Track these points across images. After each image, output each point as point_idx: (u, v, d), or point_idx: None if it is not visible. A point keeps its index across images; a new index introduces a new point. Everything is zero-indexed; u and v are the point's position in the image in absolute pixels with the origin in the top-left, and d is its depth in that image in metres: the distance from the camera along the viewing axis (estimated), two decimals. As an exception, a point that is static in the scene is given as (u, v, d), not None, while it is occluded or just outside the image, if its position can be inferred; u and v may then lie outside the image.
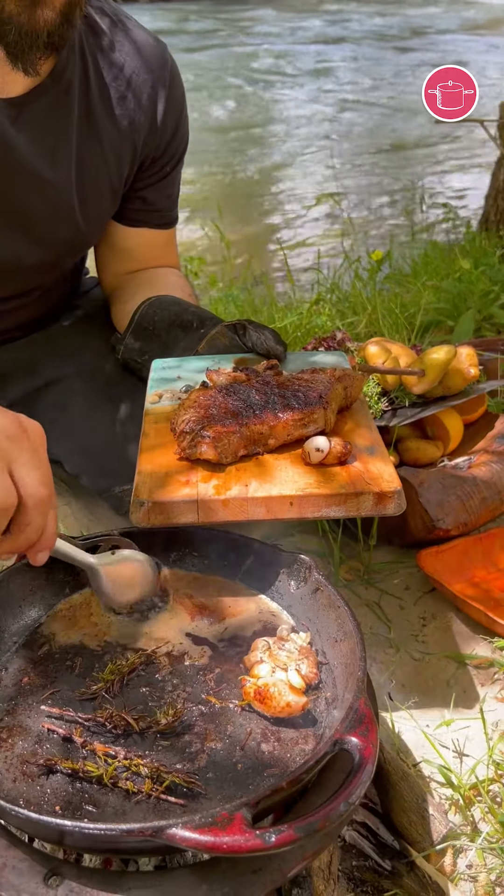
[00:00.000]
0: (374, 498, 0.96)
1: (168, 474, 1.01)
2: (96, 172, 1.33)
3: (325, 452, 1.00)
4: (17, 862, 0.69)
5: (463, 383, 1.48)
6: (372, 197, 4.54)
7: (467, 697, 1.11)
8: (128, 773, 0.75)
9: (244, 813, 0.65)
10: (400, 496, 0.97)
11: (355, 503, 0.97)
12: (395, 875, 0.88)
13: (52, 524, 0.85)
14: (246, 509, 0.97)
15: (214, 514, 0.97)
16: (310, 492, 0.97)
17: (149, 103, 1.34)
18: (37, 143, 1.23)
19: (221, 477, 1.00)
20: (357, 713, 0.74)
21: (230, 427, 1.02)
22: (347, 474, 0.99)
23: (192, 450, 1.02)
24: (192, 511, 0.97)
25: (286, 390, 1.08)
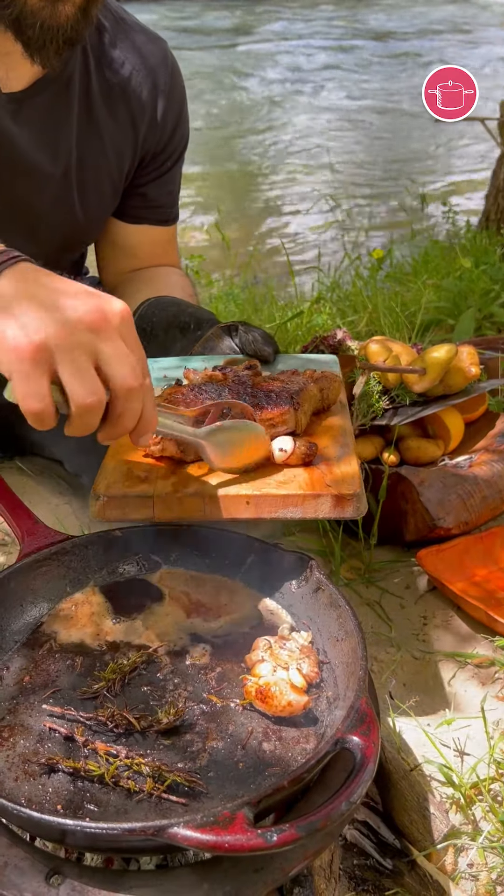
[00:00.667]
0: (332, 500, 0.95)
1: (130, 470, 1.01)
2: (96, 168, 1.34)
3: (289, 453, 1.00)
4: (18, 861, 0.69)
5: (464, 382, 1.48)
6: (372, 195, 4.54)
7: (468, 696, 1.11)
8: (129, 773, 0.75)
9: (246, 812, 0.65)
10: (359, 499, 0.96)
11: (313, 505, 0.95)
12: (396, 874, 0.88)
13: (150, 408, 0.82)
14: (202, 507, 0.97)
15: (170, 511, 0.97)
16: (267, 492, 0.96)
17: (149, 99, 1.35)
18: (37, 138, 1.24)
19: (182, 475, 1.00)
20: (358, 712, 0.74)
21: (196, 425, 1.01)
22: (309, 476, 0.98)
23: (156, 446, 1.02)
24: (147, 507, 0.96)
25: (259, 390, 1.08)
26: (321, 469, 1.00)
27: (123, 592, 1.00)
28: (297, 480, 0.98)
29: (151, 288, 1.45)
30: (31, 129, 1.23)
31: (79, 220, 1.36)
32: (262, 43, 8.65)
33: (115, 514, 0.97)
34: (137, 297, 1.45)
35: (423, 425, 1.53)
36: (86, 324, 0.76)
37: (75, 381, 0.75)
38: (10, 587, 0.94)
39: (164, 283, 1.47)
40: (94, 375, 0.76)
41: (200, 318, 1.33)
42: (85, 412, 0.77)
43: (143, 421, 0.82)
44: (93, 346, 0.76)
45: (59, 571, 0.99)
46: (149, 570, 1.03)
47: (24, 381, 0.74)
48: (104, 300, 0.79)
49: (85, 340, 0.75)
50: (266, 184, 4.81)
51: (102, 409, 0.78)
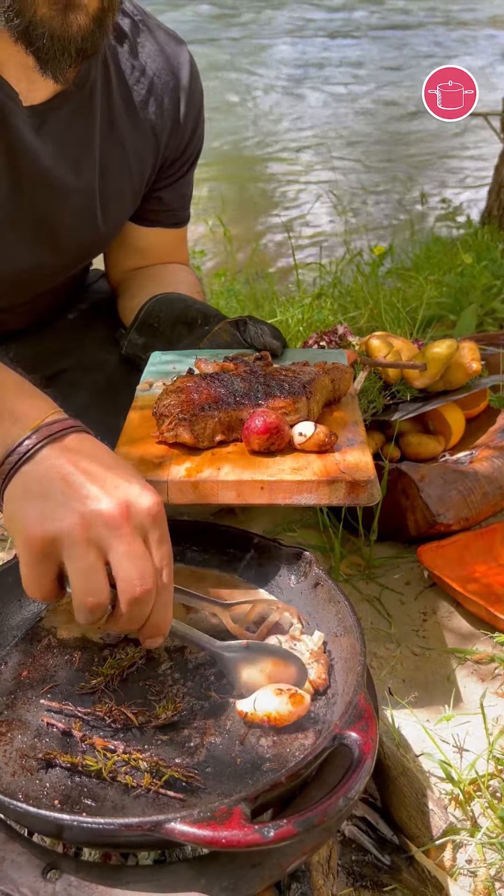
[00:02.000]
0: (346, 487, 0.95)
1: (143, 457, 1.01)
2: (119, 176, 1.32)
3: (307, 437, 1.00)
4: (15, 856, 0.69)
5: (465, 378, 1.48)
6: (374, 191, 4.53)
7: (468, 693, 1.10)
8: (127, 768, 0.75)
9: (243, 807, 0.65)
10: (373, 486, 0.96)
11: (327, 491, 0.96)
12: (395, 870, 0.88)
13: (160, 613, 0.77)
14: (216, 492, 0.96)
15: (184, 496, 0.96)
16: (281, 478, 0.96)
17: (171, 105, 1.33)
18: (61, 151, 1.21)
19: (196, 460, 1.00)
20: (357, 708, 0.74)
21: (209, 412, 1.02)
22: (323, 462, 0.99)
23: (170, 433, 1.02)
24: (161, 492, 0.95)
25: (272, 379, 1.08)
26: (335, 457, 1.00)
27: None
28: (311, 467, 0.98)
29: (159, 284, 1.45)
30: (53, 143, 1.20)
31: (100, 231, 1.35)
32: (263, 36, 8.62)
33: None
34: (144, 292, 1.45)
35: (423, 421, 1.52)
36: (104, 518, 0.72)
37: (78, 578, 0.73)
38: (9, 582, 0.93)
39: (171, 280, 1.47)
40: (99, 576, 0.73)
41: (207, 313, 1.33)
42: (86, 610, 0.75)
43: (149, 625, 0.77)
44: (106, 542, 0.73)
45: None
46: (148, 566, 1.03)
47: (29, 568, 0.75)
48: (135, 494, 0.75)
49: (98, 536, 0.72)
50: (267, 179, 4.79)
51: (104, 608, 0.75)
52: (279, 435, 1.00)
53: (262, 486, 0.96)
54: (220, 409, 1.03)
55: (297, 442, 1.01)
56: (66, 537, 0.72)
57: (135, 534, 0.74)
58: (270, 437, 1.00)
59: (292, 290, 2.78)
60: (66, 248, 1.32)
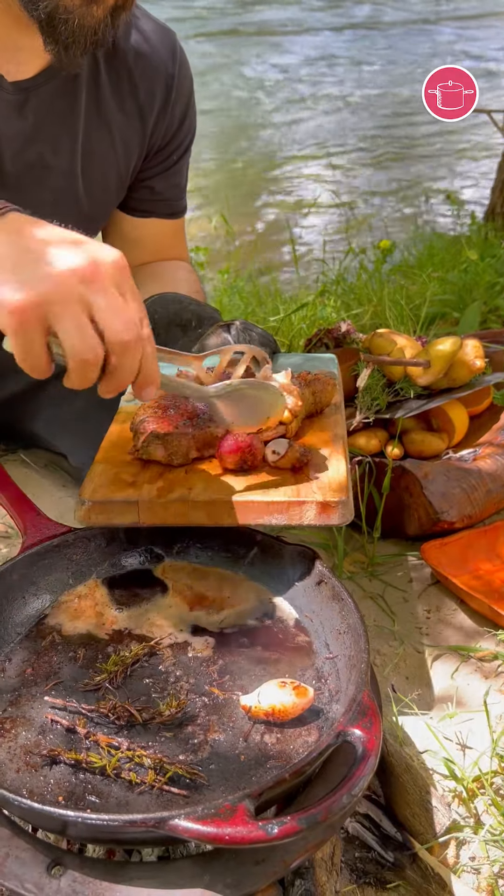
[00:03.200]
0: (317, 507, 0.93)
1: (117, 475, 0.99)
2: (104, 161, 1.33)
3: (280, 455, 0.98)
4: (20, 852, 0.69)
5: (468, 375, 1.48)
6: (377, 188, 4.52)
7: (471, 690, 1.10)
8: (131, 764, 0.75)
9: (247, 804, 0.65)
10: (345, 506, 0.93)
11: (298, 512, 0.93)
12: (398, 867, 0.88)
13: (149, 362, 0.80)
14: (186, 513, 0.95)
15: (155, 517, 0.95)
16: (252, 499, 0.94)
17: (158, 91, 1.34)
18: (42, 129, 1.23)
19: (168, 478, 0.98)
20: (360, 705, 0.74)
21: (183, 429, 1.01)
22: (295, 482, 0.97)
23: (144, 451, 1.01)
24: (132, 512, 0.95)
25: None
26: (309, 475, 0.98)
27: (126, 584, 1.00)
28: (283, 486, 0.96)
29: (157, 283, 1.44)
30: (34, 119, 1.22)
31: (84, 213, 1.35)
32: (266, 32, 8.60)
33: (101, 518, 0.95)
34: (143, 291, 1.44)
35: (427, 418, 1.52)
36: (78, 276, 0.74)
37: (70, 336, 0.74)
38: (13, 579, 0.94)
39: (170, 279, 1.47)
40: (89, 330, 0.75)
41: (202, 315, 1.32)
42: (82, 367, 0.76)
43: (142, 375, 0.80)
44: (86, 298, 0.74)
45: (62, 564, 0.99)
46: (151, 563, 1.03)
47: (19, 337, 0.74)
48: (95, 249, 0.77)
49: (78, 293, 0.74)
50: (270, 176, 4.79)
51: (100, 363, 0.76)
52: (251, 453, 0.99)
53: (233, 506, 0.94)
54: (196, 426, 1.01)
55: (271, 460, 0.99)
56: (51, 299, 0.73)
57: (110, 287, 0.76)
58: (242, 455, 0.98)
59: (296, 287, 2.78)
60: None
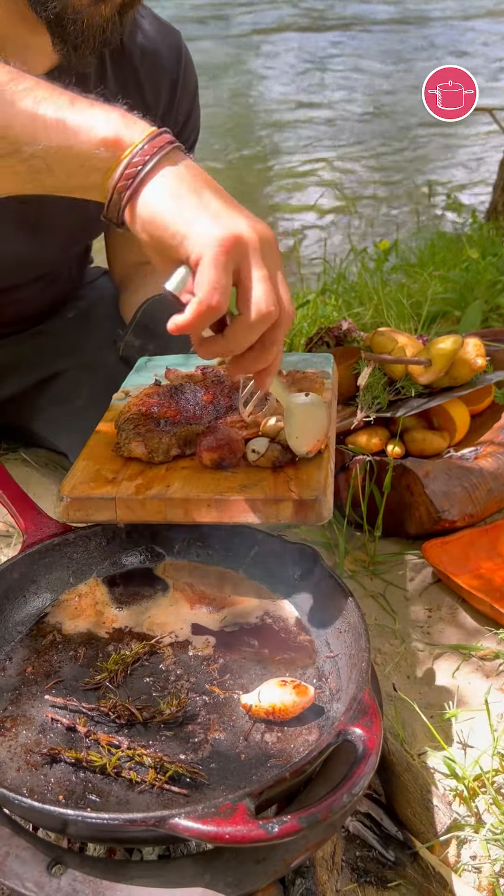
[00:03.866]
0: (293, 506, 0.92)
1: (98, 472, 0.99)
2: None
3: (260, 455, 0.98)
4: (20, 851, 0.69)
5: (469, 374, 1.47)
6: (378, 186, 4.52)
7: (472, 689, 1.10)
8: (131, 763, 0.75)
9: (247, 803, 0.65)
10: (321, 504, 0.92)
11: (275, 510, 0.92)
12: (399, 865, 0.88)
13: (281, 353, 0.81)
14: (163, 511, 0.94)
15: (133, 514, 0.94)
16: (228, 496, 0.93)
17: (164, 91, 1.34)
18: None
19: (148, 476, 0.98)
20: (361, 704, 0.74)
21: (164, 427, 1.01)
22: (274, 480, 0.96)
23: (125, 446, 1.00)
24: (109, 509, 0.94)
25: (236, 390, 1.06)
26: (287, 473, 0.97)
27: (127, 583, 1.00)
28: (262, 484, 0.95)
29: (158, 282, 1.44)
30: None
31: (91, 216, 1.35)
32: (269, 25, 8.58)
33: (79, 514, 0.95)
34: (144, 288, 1.44)
35: (428, 417, 1.52)
36: (267, 237, 0.74)
37: (262, 286, 0.73)
38: (13, 578, 0.94)
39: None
40: (276, 288, 0.74)
41: None
42: (260, 322, 0.74)
43: (276, 361, 0.81)
44: (272, 265, 0.74)
45: (62, 562, 0.99)
46: (152, 561, 1.03)
47: (216, 269, 0.72)
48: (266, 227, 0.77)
49: (265, 250, 0.74)
50: (270, 174, 4.78)
51: (270, 322, 0.75)
52: (230, 451, 0.98)
53: (209, 503, 0.93)
54: (177, 424, 1.01)
55: (251, 459, 0.98)
56: (249, 245, 0.73)
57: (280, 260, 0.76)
58: (221, 453, 0.98)
59: (297, 285, 2.78)
60: (56, 233, 1.32)
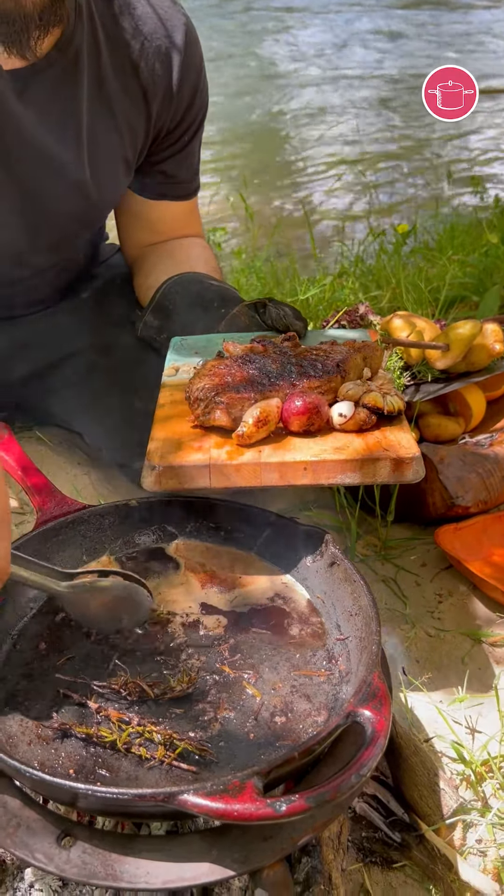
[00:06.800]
0: (391, 464, 0.95)
1: (181, 441, 1.01)
2: (109, 145, 1.29)
3: (347, 417, 1.00)
4: (30, 822, 0.70)
5: (487, 359, 1.46)
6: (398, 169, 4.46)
7: (482, 675, 1.10)
8: (141, 740, 0.76)
9: (255, 781, 0.65)
10: (418, 463, 0.95)
11: (372, 469, 0.95)
12: (405, 847, 0.89)
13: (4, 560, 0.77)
14: (259, 475, 0.96)
15: (227, 479, 0.96)
16: (325, 457, 0.95)
17: (163, 71, 1.28)
18: (44, 117, 1.19)
19: (234, 443, 0.99)
20: (370, 687, 0.74)
21: (244, 394, 1.01)
22: (364, 441, 0.98)
23: (206, 416, 1.01)
24: (203, 476, 0.96)
25: (303, 359, 1.07)
26: (375, 435, 0.99)
27: (139, 562, 1.01)
28: (353, 446, 0.97)
29: (173, 261, 1.43)
30: (36, 109, 1.17)
31: (93, 200, 1.32)
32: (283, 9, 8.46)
33: (172, 483, 0.96)
34: (158, 269, 1.43)
35: (444, 402, 1.51)
36: None
37: None
38: (27, 554, 0.94)
39: (185, 256, 1.45)
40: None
41: (225, 296, 1.31)
42: None
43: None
44: None
45: (76, 540, 0.99)
46: (164, 541, 1.03)
47: None
48: None
49: None
50: (289, 155, 4.74)
51: None
52: (319, 415, 1.00)
53: (306, 466, 0.95)
54: (255, 390, 1.02)
55: (337, 423, 1.00)
56: None
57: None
58: (310, 417, 0.99)
59: (314, 268, 2.76)
60: (57, 216, 1.30)
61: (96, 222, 1.49)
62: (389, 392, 1.05)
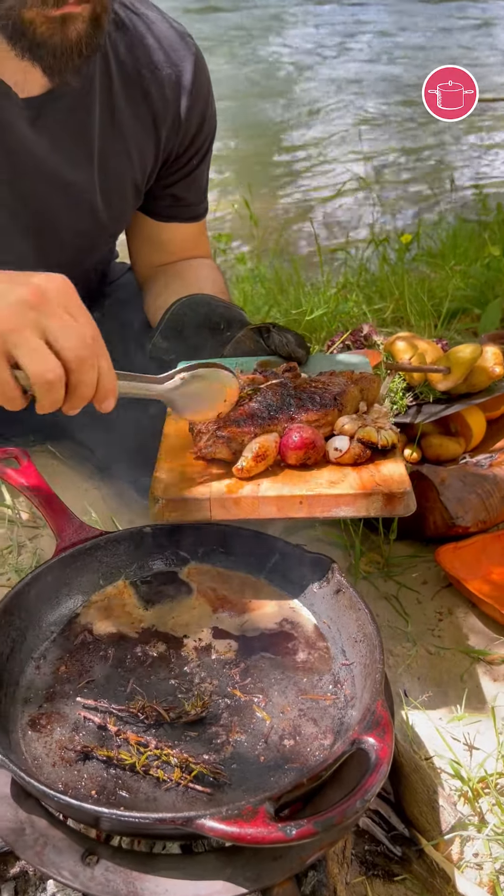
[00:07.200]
0: (383, 499, 0.99)
1: (183, 473, 1.05)
2: (120, 171, 1.34)
3: (343, 452, 1.04)
4: (56, 841, 0.75)
5: (487, 381, 1.50)
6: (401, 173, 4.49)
7: (480, 693, 1.15)
8: (158, 762, 0.81)
9: (267, 807, 0.70)
10: (409, 497, 1.00)
11: (365, 504, 1.00)
12: (405, 861, 0.94)
13: (106, 374, 0.87)
14: (257, 508, 1.01)
15: (226, 512, 1.01)
16: (320, 492, 1.00)
17: (172, 97, 1.34)
18: (57, 144, 1.24)
19: (234, 475, 1.04)
20: (375, 714, 0.79)
21: (245, 427, 1.06)
22: (358, 476, 1.03)
23: (208, 450, 1.06)
24: (204, 508, 1.01)
25: (303, 392, 1.11)
26: (369, 469, 1.04)
27: (153, 586, 1.05)
28: (348, 480, 1.02)
29: (182, 282, 1.47)
30: (49, 135, 1.22)
31: (103, 224, 1.37)
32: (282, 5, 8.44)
33: (174, 515, 1.02)
34: (168, 290, 1.48)
35: (445, 422, 1.55)
36: (27, 305, 0.80)
37: (30, 360, 0.80)
38: (48, 580, 0.99)
39: (194, 277, 1.49)
40: (45, 352, 0.81)
41: (231, 318, 1.35)
42: (47, 389, 0.82)
43: (100, 388, 0.87)
44: (38, 323, 0.81)
45: (93, 566, 1.04)
46: (177, 565, 1.08)
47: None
48: (40, 279, 0.83)
49: (30, 320, 0.80)
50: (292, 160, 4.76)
51: (62, 381, 0.82)
52: (315, 449, 1.04)
53: (302, 500, 1.00)
54: (256, 424, 1.06)
55: (333, 457, 1.05)
56: (6, 329, 0.79)
57: (58, 309, 0.82)
58: (307, 451, 1.04)
59: (318, 276, 2.79)
60: (67, 239, 1.35)
61: (106, 244, 1.53)
62: (384, 426, 1.09)
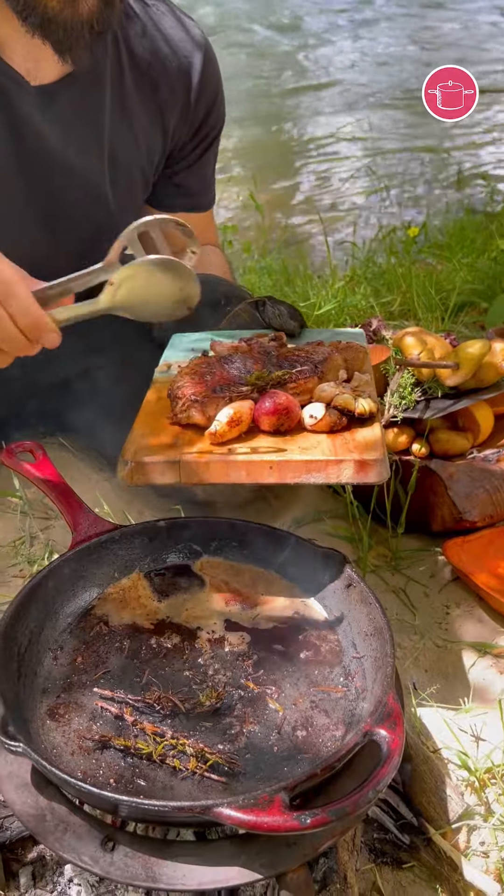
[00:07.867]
0: (354, 466, 0.96)
1: (157, 437, 1.03)
2: (128, 160, 1.35)
3: (317, 419, 1.02)
4: (76, 827, 0.77)
5: (495, 377, 1.51)
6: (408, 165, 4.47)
7: (487, 685, 1.17)
8: (174, 752, 0.83)
9: (283, 796, 0.72)
10: (381, 464, 0.97)
11: (336, 470, 0.97)
12: (413, 849, 0.96)
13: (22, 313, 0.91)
14: (227, 472, 0.98)
15: (196, 476, 0.98)
16: (290, 458, 0.97)
17: (181, 88, 1.35)
18: (68, 131, 1.25)
19: (207, 440, 1.01)
20: (386, 707, 0.81)
21: (220, 393, 1.04)
22: (332, 442, 1.00)
23: (183, 414, 1.04)
24: (173, 472, 0.98)
25: (284, 360, 1.10)
26: (344, 436, 1.01)
27: (167, 579, 1.07)
28: (321, 446, 0.99)
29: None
30: (60, 123, 1.23)
31: (111, 211, 1.38)
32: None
33: (142, 478, 0.99)
34: None
35: (453, 417, 1.56)
36: None
37: None
38: (65, 573, 1.01)
39: (200, 263, 1.50)
40: None
41: (230, 294, 1.36)
42: None
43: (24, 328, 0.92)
44: None
45: (108, 559, 1.06)
46: (190, 558, 1.10)
47: None
48: None
49: None
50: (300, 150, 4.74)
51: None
52: (289, 416, 1.01)
53: (272, 465, 0.97)
54: (232, 390, 1.05)
55: (308, 424, 1.02)
56: None
57: None
58: (280, 417, 1.01)
59: (325, 269, 2.80)
60: (79, 231, 1.36)
61: (113, 233, 1.54)
62: (364, 394, 1.06)
